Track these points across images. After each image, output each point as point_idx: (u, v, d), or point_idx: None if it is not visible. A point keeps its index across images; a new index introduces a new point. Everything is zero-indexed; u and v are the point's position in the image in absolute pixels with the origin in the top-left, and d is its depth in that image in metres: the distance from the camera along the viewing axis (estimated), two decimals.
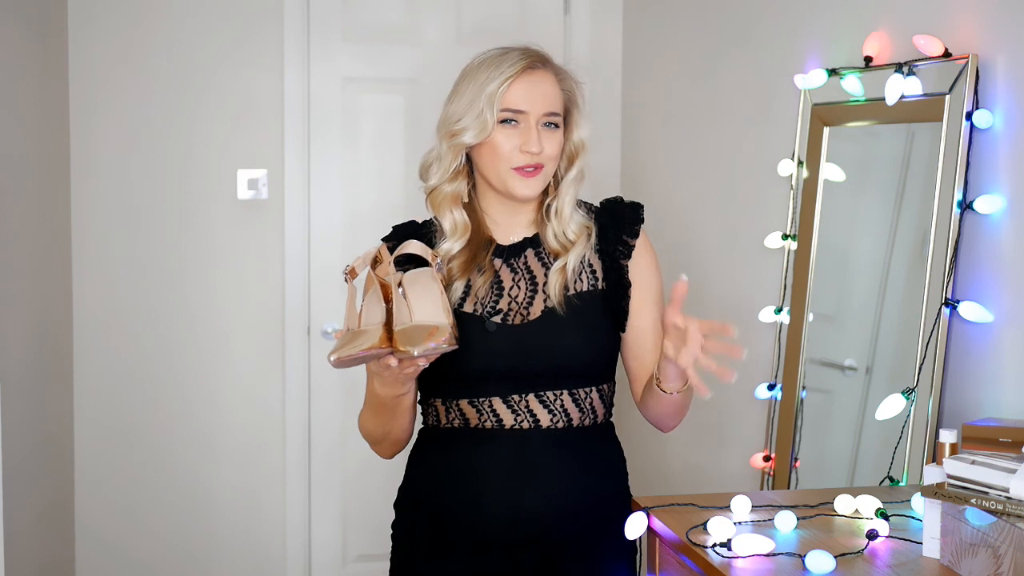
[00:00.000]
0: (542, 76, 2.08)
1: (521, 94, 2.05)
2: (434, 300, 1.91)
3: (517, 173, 2.05)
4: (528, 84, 2.06)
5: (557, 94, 2.08)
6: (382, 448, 2.15)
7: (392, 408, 2.03)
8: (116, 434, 3.77)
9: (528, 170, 2.05)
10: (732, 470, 3.18)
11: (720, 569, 1.78)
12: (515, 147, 2.04)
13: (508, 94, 2.05)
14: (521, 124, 2.05)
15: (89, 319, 3.73)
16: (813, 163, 2.78)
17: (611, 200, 2.17)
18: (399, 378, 1.93)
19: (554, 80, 2.09)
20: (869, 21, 2.59)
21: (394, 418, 2.05)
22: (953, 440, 1.89)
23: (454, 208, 2.12)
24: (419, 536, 2.13)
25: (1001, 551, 1.64)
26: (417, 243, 2.01)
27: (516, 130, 2.05)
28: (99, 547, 3.77)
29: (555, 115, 2.07)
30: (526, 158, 2.04)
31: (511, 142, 2.05)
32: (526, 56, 2.08)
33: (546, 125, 2.06)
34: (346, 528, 3.94)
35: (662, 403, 2.04)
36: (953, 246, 2.27)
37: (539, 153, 2.05)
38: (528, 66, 2.07)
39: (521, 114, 2.05)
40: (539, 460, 2.06)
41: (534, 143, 2.04)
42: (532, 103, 2.05)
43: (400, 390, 1.98)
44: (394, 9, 3.90)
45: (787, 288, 2.85)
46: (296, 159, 3.84)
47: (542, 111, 2.06)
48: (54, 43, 3.58)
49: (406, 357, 1.85)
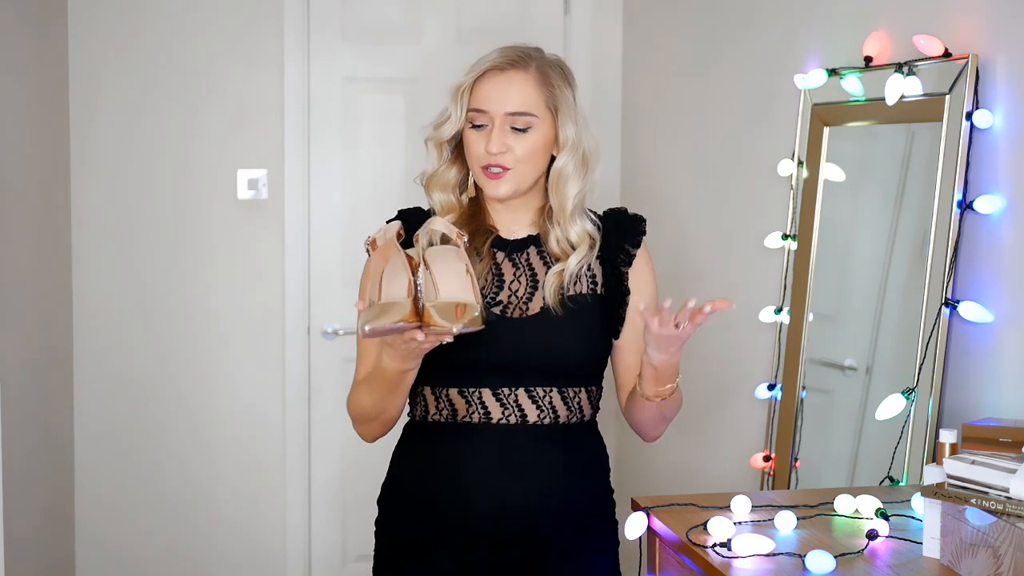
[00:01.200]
0: (511, 76, 2.08)
1: (484, 93, 2.07)
2: (460, 278, 1.90)
3: (485, 174, 2.08)
4: (493, 84, 2.07)
5: (529, 93, 2.07)
6: (371, 428, 2.13)
7: (395, 385, 2.02)
8: (116, 435, 3.76)
9: (493, 170, 2.06)
10: (732, 470, 3.18)
11: (720, 569, 1.78)
12: (484, 149, 2.07)
13: (473, 93, 2.08)
14: (488, 126, 2.07)
15: (89, 320, 3.73)
16: (813, 163, 2.78)
17: (615, 210, 2.19)
18: (414, 352, 1.92)
19: (528, 80, 2.08)
20: (869, 21, 2.59)
21: (393, 396, 2.05)
22: (953, 440, 1.89)
23: (443, 191, 2.15)
24: (404, 532, 2.14)
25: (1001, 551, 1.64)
26: (442, 221, 2.01)
27: (484, 132, 2.07)
28: (99, 550, 3.77)
29: (524, 115, 2.06)
30: (488, 157, 2.06)
31: (479, 144, 2.07)
32: (501, 56, 2.09)
33: (515, 128, 2.06)
34: (346, 528, 3.94)
35: (645, 410, 2.08)
36: (953, 246, 2.27)
37: (501, 153, 2.05)
38: (495, 67, 2.08)
39: (484, 114, 2.07)
40: (525, 456, 2.07)
41: (494, 143, 2.05)
42: (494, 102, 2.06)
43: (409, 365, 1.97)
44: (394, 9, 3.90)
45: (787, 288, 2.85)
46: (296, 159, 3.84)
47: (505, 111, 2.06)
48: (54, 43, 3.58)
49: (442, 332, 1.84)
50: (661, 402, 2.05)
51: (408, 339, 1.86)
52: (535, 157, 2.08)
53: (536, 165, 2.09)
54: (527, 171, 2.08)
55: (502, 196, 2.09)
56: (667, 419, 2.12)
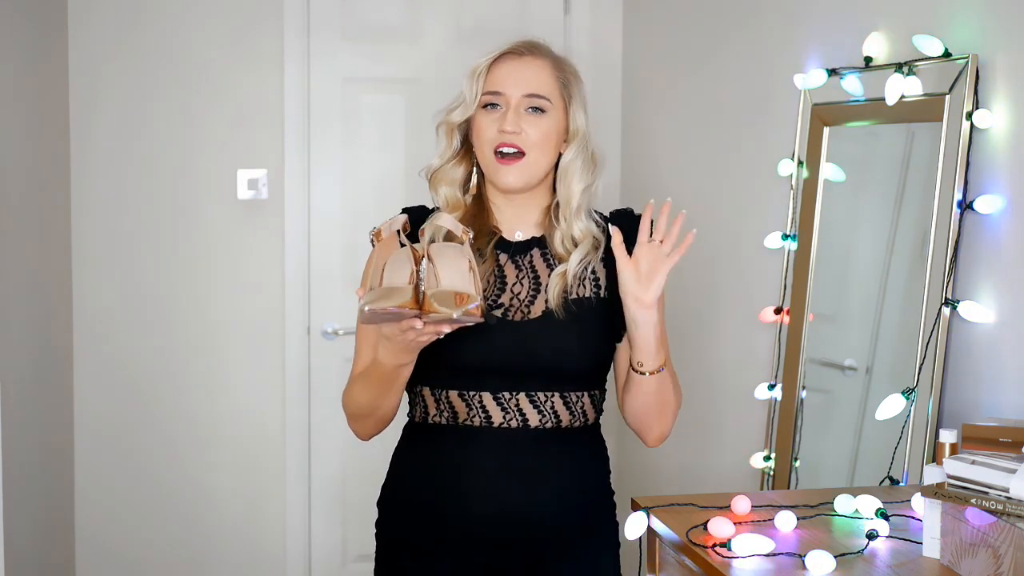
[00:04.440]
0: (528, 61, 2.09)
1: (501, 75, 2.08)
2: (462, 273, 1.90)
3: (497, 160, 2.07)
4: (510, 67, 2.08)
5: (546, 79, 2.09)
6: (366, 425, 2.13)
7: (391, 380, 2.01)
8: (116, 435, 3.76)
9: (508, 152, 2.05)
10: (732, 470, 3.17)
11: (720, 569, 1.78)
12: (497, 130, 2.06)
13: (490, 75, 2.08)
14: (503, 108, 2.07)
15: (89, 320, 3.73)
16: (813, 163, 2.78)
17: (621, 211, 2.18)
18: (411, 345, 1.92)
19: (544, 66, 2.10)
20: (869, 21, 2.59)
21: (389, 392, 2.04)
22: (953, 440, 1.90)
23: (449, 186, 2.14)
24: (405, 534, 2.13)
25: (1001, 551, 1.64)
26: (449, 217, 2.01)
27: (498, 113, 2.07)
28: (99, 551, 3.77)
29: (539, 98, 2.07)
30: (503, 137, 2.05)
31: (493, 126, 2.07)
32: (517, 42, 2.11)
33: (530, 110, 2.07)
34: (346, 529, 3.94)
35: (640, 392, 2.06)
36: (953, 246, 2.27)
37: (516, 133, 2.05)
38: (513, 51, 2.10)
39: (500, 96, 2.07)
40: (527, 460, 2.06)
41: (509, 122, 2.05)
42: (511, 84, 2.07)
43: (406, 359, 1.97)
44: (394, 8, 3.90)
45: (787, 288, 2.85)
46: (296, 159, 3.84)
47: (522, 92, 2.06)
48: (54, 44, 3.58)
49: (441, 319, 1.84)
50: (659, 379, 2.04)
51: (406, 327, 1.86)
52: (547, 143, 2.08)
53: (547, 153, 2.09)
54: (539, 158, 2.08)
55: (512, 184, 2.07)
56: (667, 408, 2.09)
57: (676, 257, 1.98)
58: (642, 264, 1.98)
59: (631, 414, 2.12)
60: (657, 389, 2.06)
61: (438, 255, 1.91)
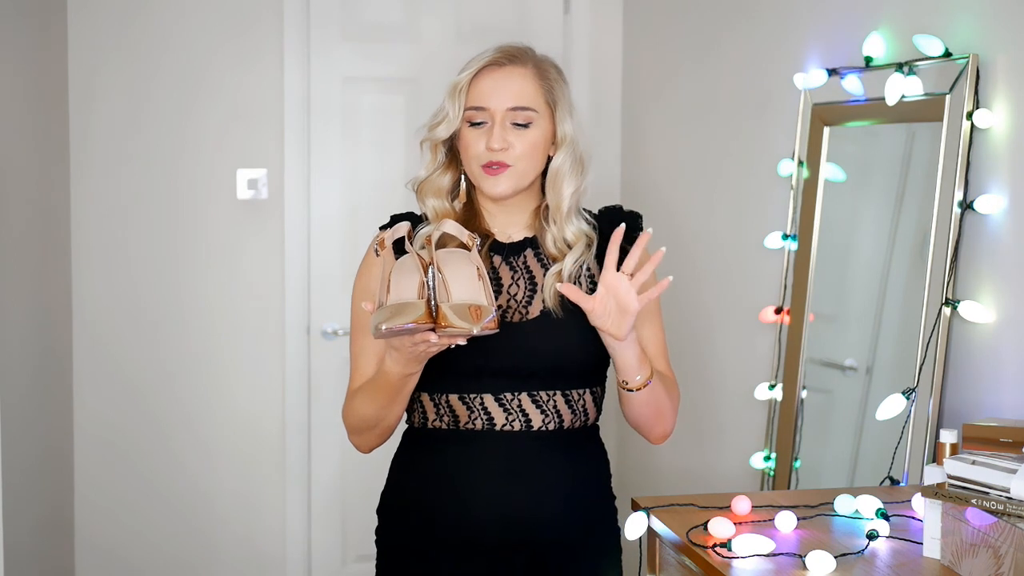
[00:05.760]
0: (509, 71, 2.06)
1: (485, 89, 2.05)
2: (472, 281, 1.88)
3: (484, 171, 2.05)
4: (492, 80, 2.05)
5: (529, 89, 2.06)
6: (369, 437, 2.12)
7: (397, 390, 2.00)
8: (115, 436, 3.76)
9: (493, 167, 2.04)
10: (732, 470, 3.17)
11: (720, 569, 1.78)
12: (484, 147, 2.04)
13: (472, 89, 2.06)
14: (487, 123, 2.05)
15: (89, 320, 3.73)
16: (813, 163, 2.77)
17: (610, 208, 2.16)
18: (421, 356, 1.91)
19: (527, 75, 2.07)
20: (869, 21, 2.58)
21: (394, 402, 2.03)
22: (953, 440, 1.89)
23: (436, 197, 2.13)
24: (406, 540, 2.12)
25: (1002, 551, 1.64)
26: (453, 223, 1.99)
27: (483, 129, 2.05)
28: (98, 553, 3.76)
29: (524, 110, 2.05)
30: (491, 155, 2.04)
31: (480, 142, 2.05)
32: (497, 52, 2.08)
33: (515, 124, 2.05)
34: (346, 529, 3.94)
35: (633, 405, 2.05)
36: (953, 246, 2.27)
37: (502, 150, 2.03)
38: (492, 62, 2.07)
39: (483, 111, 2.05)
40: (529, 463, 2.05)
41: (495, 139, 2.03)
42: (495, 98, 2.04)
43: (414, 368, 1.96)
44: (394, 8, 3.90)
45: (787, 288, 2.85)
46: (296, 159, 3.84)
47: (507, 106, 2.04)
48: (53, 43, 3.57)
49: (459, 334, 1.82)
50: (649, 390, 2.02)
51: (420, 340, 1.85)
52: (535, 153, 2.06)
53: (535, 162, 2.07)
54: (527, 168, 2.06)
55: (501, 194, 2.06)
56: (664, 412, 2.08)
57: (647, 300, 1.93)
58: (611, 302, 1.95)
59: (630, 421, 2.13)
60: (648, 400, 2.05)
61: (446, 263, 1.90)
